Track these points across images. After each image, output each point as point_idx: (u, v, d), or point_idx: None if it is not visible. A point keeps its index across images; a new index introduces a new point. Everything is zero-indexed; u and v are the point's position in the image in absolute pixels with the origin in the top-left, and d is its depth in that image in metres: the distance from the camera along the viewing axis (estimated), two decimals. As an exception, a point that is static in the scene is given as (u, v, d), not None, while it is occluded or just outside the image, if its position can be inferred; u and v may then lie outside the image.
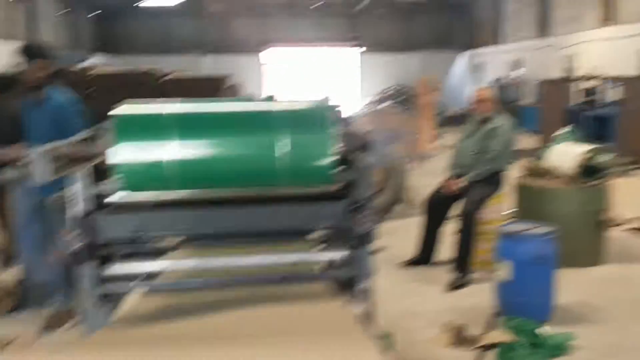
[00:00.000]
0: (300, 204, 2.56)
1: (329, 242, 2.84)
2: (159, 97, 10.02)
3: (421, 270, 5.48)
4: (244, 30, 28.61)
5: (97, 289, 2.47)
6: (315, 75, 28.97)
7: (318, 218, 2.54)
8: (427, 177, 9.20)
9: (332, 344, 2.06)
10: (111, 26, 29.10)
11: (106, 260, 2.53)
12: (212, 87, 12.16)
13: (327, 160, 2.23)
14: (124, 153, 2.17)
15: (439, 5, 28.00)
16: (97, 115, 9.66)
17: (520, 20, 23.50)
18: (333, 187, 2.58)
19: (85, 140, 2.60)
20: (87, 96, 11.87)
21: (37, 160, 2.09)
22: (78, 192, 2.43)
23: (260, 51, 28.74)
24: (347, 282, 2.70)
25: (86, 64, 19.25)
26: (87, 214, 2.44)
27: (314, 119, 2.23)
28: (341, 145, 2.27)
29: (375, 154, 2.17)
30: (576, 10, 18.91)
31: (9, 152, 2.14)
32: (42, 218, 4.68)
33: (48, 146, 2.21)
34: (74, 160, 2.35)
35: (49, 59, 4.16)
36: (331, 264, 2.73)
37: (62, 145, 2.30)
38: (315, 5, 27.57)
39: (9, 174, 2.14)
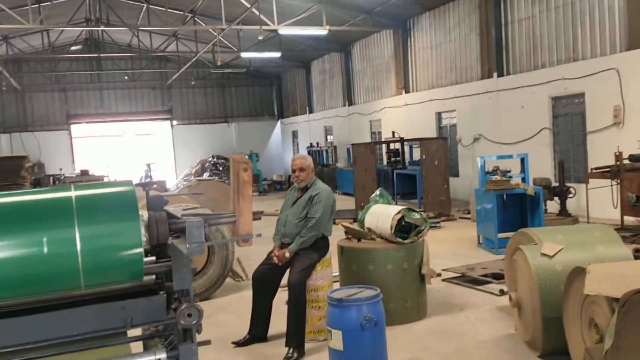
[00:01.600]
0: (110, 303, 2.22)
1: (150, 340, 2.54)
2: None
3: (256, 348, 5.23)
4: (47, 105, 26.76)
5: None
6: (129, 148, 27.86)
7: (133, 315, 2.23)
8: (255, 246, 9.11)
9: None
10: None
11: None
12: (12, 167, 11.08)
13: (138, 253, 1.93)
14: None
15: (252, 77, 28.85)
16: None
17: (327, 90, 25.04)
18: (146, 281, 2.30)
19: None
20: None
21: None
22: None
23: (67, 126, 26.97)
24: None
25: None
26: None
27: (117, 208, 1.92)
28: (152, 231, 2.01)
29: (193, 239, 1.93)
30: (376, 81, 20.67)
31: None
32: None
33: None
34: None
35: None
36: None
37: None
38: (124, 78, 26.79)
39: None
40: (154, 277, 2.36)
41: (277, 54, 20.90)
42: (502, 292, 6.34)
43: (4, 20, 15.76)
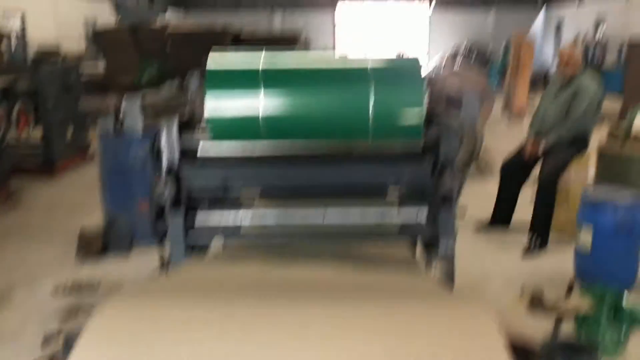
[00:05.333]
0: (383, 161, 2.52)
1: (411, 200, 2.82)
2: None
3: (496, 234, 5.37)
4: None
5: (183, 238, 2.54)
6: (385, 31, 28.43)
7: (401, 175, 2.51)
8: (502, 139, 8.99)
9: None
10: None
11: (191, 210, 2.60)
12: (287, 44, 12.27)
13: (417, 116, 2.16)
14: (212, 104, 2.18)
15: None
16: (175, 70, 10.18)
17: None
18: (418, 145, 2.54)
19: (174, 92, 2.65)
20: (165, 51, 12.19)
21: (130, 111, 2.15)
22: (166, 143, 2.49)
23: (332, 7, 28.40)
24: (428, 242, 2.67)
25: (162, 19, 19.69)
26: (174, 164, 2.50)
27: (405, 73, 2.15)
28: (429, 101, 2.21)
29: (465, 112, 2.08)
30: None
31: (106, 101, 2.19)
32: (125, 167, 4.88)
33: (140, 98, 2.26)
34: (164, 111, 2.40)
35: None
36: (412, 223, 2.70)
37: (153, 96, 2.34)
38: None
39: (104, 122, 2.21)
40: (421, 143, 2.59)
41: None
42: None
43: None
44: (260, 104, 2.16)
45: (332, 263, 2.41)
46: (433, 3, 28.29)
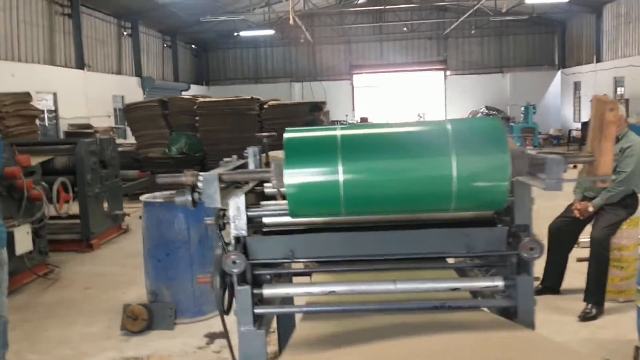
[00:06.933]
0: (458, 229, 2.46)
1: (487, 269, 2.73)
2: (261, 121, 10.56)
3: (549, 299, 5.19)
4: (333, 56, 29.04)
5: (251, 311, 2.46)
6: (403, 97, 28.87)
7: (475, 242, 2.44)
8: (545, 199, 8.87)
9: None
10: (205, 58, 30.38)
11: (258, 282, 2.54)
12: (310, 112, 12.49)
13: (504, 184, 2.08)
14: (291, 178, 2.15)
15: (533, 24, 27.20)
16: (205, 141, 10.17)
17: (621, 38, 22.43)
18: (485, 214, 2.47)
19: (243, 165, 2.65)
20: (195, 123, 12.35)
21: (208, 185, 2.13)
22: (234, 214, 2.46)
23: (349, 76, 29.04)
24: (504, 312, 2.56)
25: (189, 93, 20.22)
26: (242, 236, 2.46)
27: (490, 138, 2.09)
28: (514, 165, 2.14)
29: (553, 175, 2.02)
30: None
31: (185, 175, 2.19)
32: (170, 240, 4.87)
33: (218, 170, 2.25)
34: (236, 183, 2.39)
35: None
36: (489, 292, 2.61)
37: (228, 170, 2.34)
38: (403, 29, 27.56)
39: (181, 197, 2.19)
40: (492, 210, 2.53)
41: (566, -2, 19.29)
42: None
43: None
44: (340, 181, 2.11)
45: (433, 330, 2.31)
46: (450, 70, 28.81)
